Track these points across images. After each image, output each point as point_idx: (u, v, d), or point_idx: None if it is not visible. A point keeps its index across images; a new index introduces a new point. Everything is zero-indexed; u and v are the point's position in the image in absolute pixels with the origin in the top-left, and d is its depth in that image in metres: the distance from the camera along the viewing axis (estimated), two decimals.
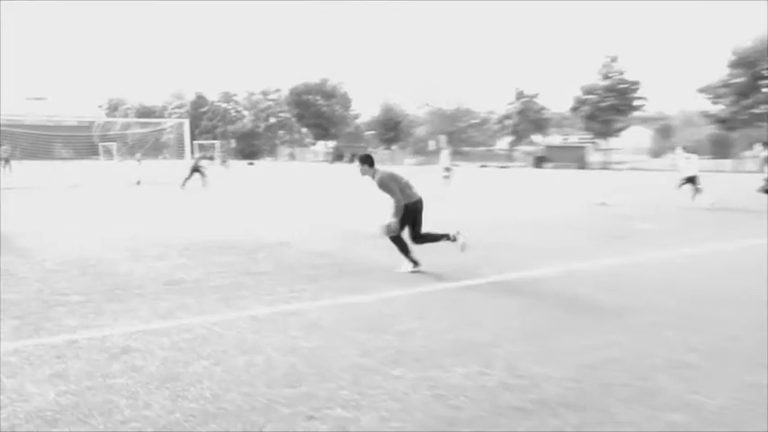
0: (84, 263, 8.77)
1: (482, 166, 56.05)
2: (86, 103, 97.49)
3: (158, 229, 12.67)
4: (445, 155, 24.96)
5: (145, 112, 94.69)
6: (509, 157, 64.21)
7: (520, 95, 69.37)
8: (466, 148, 67.58)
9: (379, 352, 4.96)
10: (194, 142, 48.26)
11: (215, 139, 74.73)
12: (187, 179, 24.92)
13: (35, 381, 4.31)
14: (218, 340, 5.30)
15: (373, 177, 8.04)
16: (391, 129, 76.54)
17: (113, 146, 68.50)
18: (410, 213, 8.01)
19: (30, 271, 8.15)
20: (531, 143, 68.13)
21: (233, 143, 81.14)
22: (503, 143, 72.40)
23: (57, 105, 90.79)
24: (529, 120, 68.54)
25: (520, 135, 69.43)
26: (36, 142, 47.37)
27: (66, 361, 4.72)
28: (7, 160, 42.61)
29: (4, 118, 48.03)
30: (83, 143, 66.82)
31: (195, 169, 25.15)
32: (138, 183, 28.97)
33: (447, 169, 24.03)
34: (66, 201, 19.87)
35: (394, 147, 74.92)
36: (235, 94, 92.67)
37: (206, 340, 5.29)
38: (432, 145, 64.42)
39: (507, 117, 69.80)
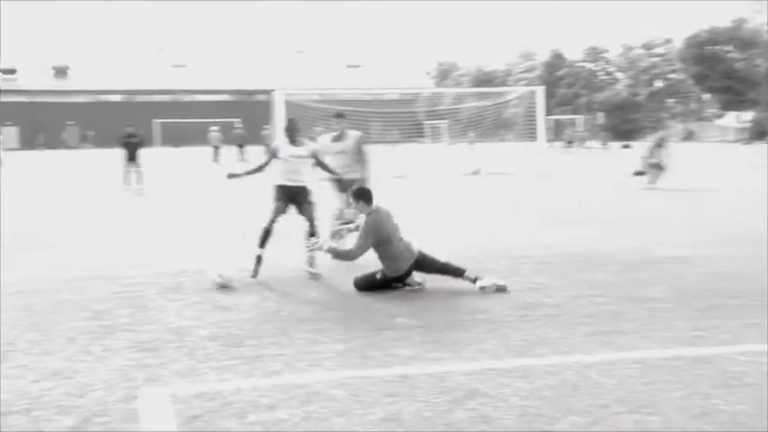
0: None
1: None
2: (410, 70, 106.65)
3: (503, 234, 13.23)
4: None
5: (484, 80, 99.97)
6: None
7: None
8: None
9: None
10: (549, 117, 49.45)
11: (576, 112, 75.59)
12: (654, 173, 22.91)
13: (366, 424, 4.78)
14: (594, 390, 5.30)
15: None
16: None
17: (443, 125, 73.69)
18: None
19: (349, 283, 9.15)
20: None
21: (600, 118, 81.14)
22: None
23: (374, 74, 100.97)
24: None
25: None
26: (351, 121, 53.29)
27: (399, 401, 5.16)
28: None
29: (317, 92, 55.02)
30: (405, 122, 73.25)
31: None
32: (477, 172, 30.69)
33: None
34: (388, 195, 21.93)
35: None
36: (605, 50, 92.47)
37: (578, 389, 5.33)
38: None
39: None
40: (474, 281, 8.70)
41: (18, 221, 16.55)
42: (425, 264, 8.90)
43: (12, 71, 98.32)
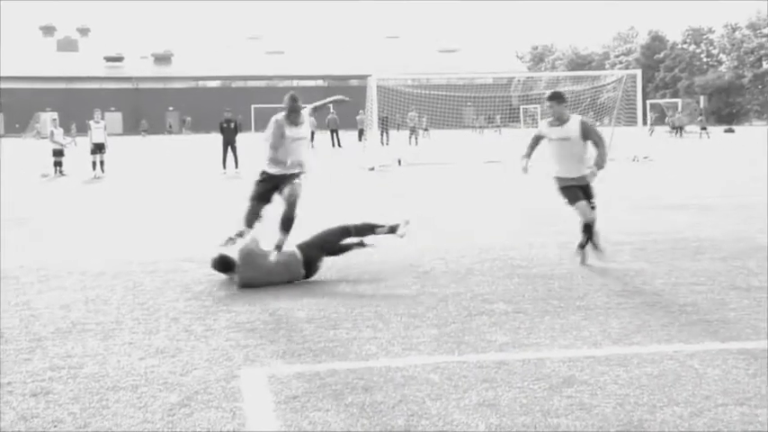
0: (508, 261, 9.49)
1: None
2: (504, 54, 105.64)
3: (602, 219, 12.99)
4: None
5: (579, 63, 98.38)
6: None
7: None
8: None
9: None
10: (647, 101, 48.29)
11: (676, 96, 73.70)
12: None
13: (462, 409, 4.78)
14: (696, 380, 5.18)
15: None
16: None
17: (537, 109, 72.89)
18: None
19: (446, 268, 9.15)
20: None
21: (702, 101, 78.95)
22: None
23: (467, 58, 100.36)
24: None
25: None
26: (444, 106, 53.10)
27: (496, 387, 5.14)
28: (413, 129, 48.85)
29: (410, 77, 55.08)
30: (499, 106, 72.81)
31: None
32: None
33: None
34: (480, 178, 21.85)
35: None
36: (709, 31, 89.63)
37: (679, 379, 5.22)
38: None
39: None
40: (391, 231, 9.15)
41: (124, 204, 17.10)
42: (328, 246, 8.85)
43: (118, 59, 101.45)
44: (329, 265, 9.21)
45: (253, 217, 9.32)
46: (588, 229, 9.17)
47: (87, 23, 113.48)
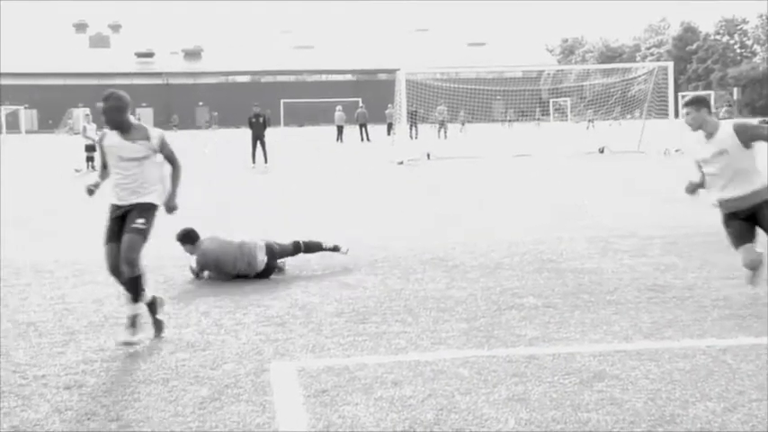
0: (538, 255, 9.44)
1: None
2: (533, 47, 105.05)
3: (629, 214, 12.91)
4: None
5: (610, 56, 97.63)
6: None
7: None
8: None
9: None
10: (679, 94, 47.79)
11: (708, 88, 72.93)
12: None
13: (491, 403, 4.77)
14: (729, 375, 5.12)
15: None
16: None
17: (566, 102, 72.42)
18: None
19: (475, 262, 9.13)
20: None
21: (735, 93, 78.03)
22: None
23: (497, 52, 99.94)
24: None
25: None
26: (474, 100, 52.94)
27: (525, 382, 5.11)
28: (443, 123, 48.79)
29: (439, 71, 54.92)
30: (528, 100, 72.41)
31: None
32: (602, 150, 30.06)
33: None
34: (509, 172, 21.77)
35: None
36: (743, 21, 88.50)
37: (711, 374, 5.16)
38: None
39: None
40: (335, 249, 9.12)
41: None
42: (280, 253, 8.83)
43: (149, 55, 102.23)
44: (356, 261, 9.23)
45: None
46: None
47: (119, 20, 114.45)
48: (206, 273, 8.62)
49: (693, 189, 7.25)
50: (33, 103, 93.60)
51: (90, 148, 26.09)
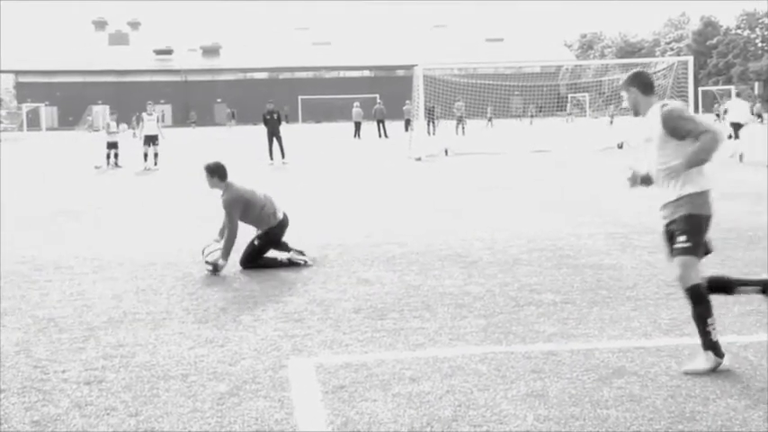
0: (556, 251, 9.41)
1: None
2: (551, 42, 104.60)
3: (652, 209, 12.81)
4: None
5: (629, 51, 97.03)
6: None
7: None
8: None
9: None
10: (699, 89, 47.47)
11: (729, 83, 72.37)
12: None
13: (510, 399, 4.75)
14: (750, 372, 5.10)
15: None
16: None
17: (585, 98, 72.07)
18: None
19: (493, 258, 9.10)
20: None
21: (756, 88, 77.32)
22: None
23: (514, 47, 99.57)
24: None
25: None
26: (492, 96, 52.77)
27: (544, 378, 5.10)
28: (461, 119, 48.63)
29: (457, 66, 54.76)
30: (546, 95, 72.11)
31: None
32: (620, 146, 29.89)
33: None
34: (528, 168, 21.67)
35: None
36: (765, 15, 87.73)
37: (733, 370, 5.13)
38: None
39: None
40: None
41: (175, 195, 17.30)
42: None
43: (168, 52, 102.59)
44: (374, 256, 9.23)
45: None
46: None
47: (138, 17, 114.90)
48: (220, 262, 8.65)
49: (634, 180, 5.90)
50: (54, 101, 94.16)
51: (112, 145, 26.26)
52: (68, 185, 20.23)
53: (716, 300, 6.94)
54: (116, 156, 26.19)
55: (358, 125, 47.32)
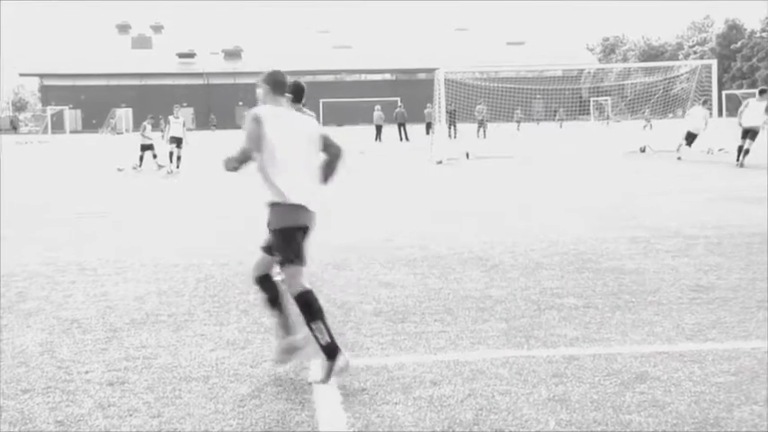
0: (578, 255, 9.36)
1: None
2: (573, 45, 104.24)
3: (675, 213, 12.75)
4: None
5: (652, 54, 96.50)
6: None
7: None
8: None
9: None
10: (723, 92, 47.10)
11: (753, 86, 71.81)
12: None
13: (531, 404, 4.73)
14: None
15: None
16: None
17: (607, 101, 71.71)
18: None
19: (515, 262, 9.07)
20: None
21: None
22: None
23: (536, 51, 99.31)
24: None
25: None
26: (512, 99, 52.65)
27: (566, 382, 5.07)
28: (482, 122, 48.60)
29: (477, 69, 54.60)
30: (568, 99, 71.89)
31: None
32: (643, 150, 29.74)
33: None
34: (550, 171, 21.60)
35: None
36: None
37: (757, 377, 5.09)
38: None
39: None
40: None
41: (197, 197, 17.38)
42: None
43: (190, 55, 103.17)
44: (395, 259, 9.23)
45: None
46: None
47: (160, 21, 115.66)
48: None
49: None
50: (77, 104, 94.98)
51: (147, 147, 26.45)
52: (92, 187, 20.37)
53: (740, 304, 6.91)
54: (154, 156, 26.41)
55: (379, 128, 47.33)
